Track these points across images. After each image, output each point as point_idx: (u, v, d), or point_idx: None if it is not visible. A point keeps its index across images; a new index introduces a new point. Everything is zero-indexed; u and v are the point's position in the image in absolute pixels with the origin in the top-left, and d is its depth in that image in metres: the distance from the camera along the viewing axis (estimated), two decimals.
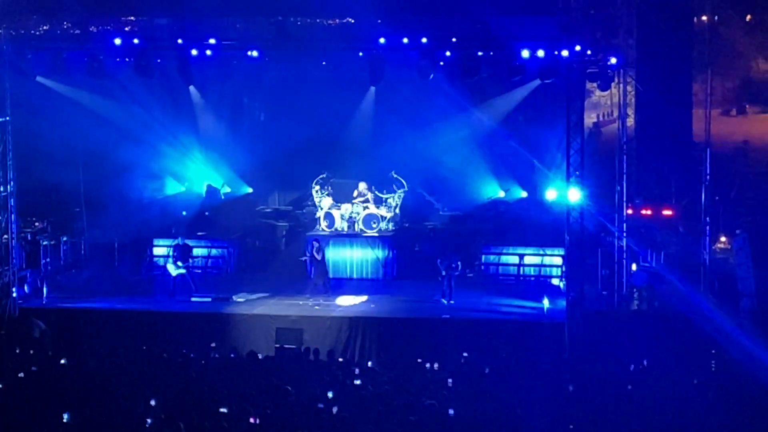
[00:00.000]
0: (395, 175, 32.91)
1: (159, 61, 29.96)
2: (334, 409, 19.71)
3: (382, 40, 28.32)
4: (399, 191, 32.99)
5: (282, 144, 34.19)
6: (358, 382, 22.13)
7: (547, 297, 28.56)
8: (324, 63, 30.47)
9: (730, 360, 23.80)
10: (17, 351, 25.32)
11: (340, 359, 25.28)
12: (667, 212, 30.98)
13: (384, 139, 33.48)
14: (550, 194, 32.54)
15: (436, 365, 23.54)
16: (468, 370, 23.49)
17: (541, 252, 31.91)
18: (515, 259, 32.17)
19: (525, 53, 27.81)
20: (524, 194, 34.29)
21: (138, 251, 33.61)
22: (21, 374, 22.45)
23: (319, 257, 30.02)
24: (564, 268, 29.88)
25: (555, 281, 31.18)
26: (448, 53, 28.45)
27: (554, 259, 31.56)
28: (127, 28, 30.79)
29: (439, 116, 32.46)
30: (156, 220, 34.16)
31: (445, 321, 27.99)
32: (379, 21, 28.94)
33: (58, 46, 29.05)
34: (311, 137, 33.85)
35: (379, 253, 32.37)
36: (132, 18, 30.80)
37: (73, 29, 29.43)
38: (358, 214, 32.71)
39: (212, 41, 29.27)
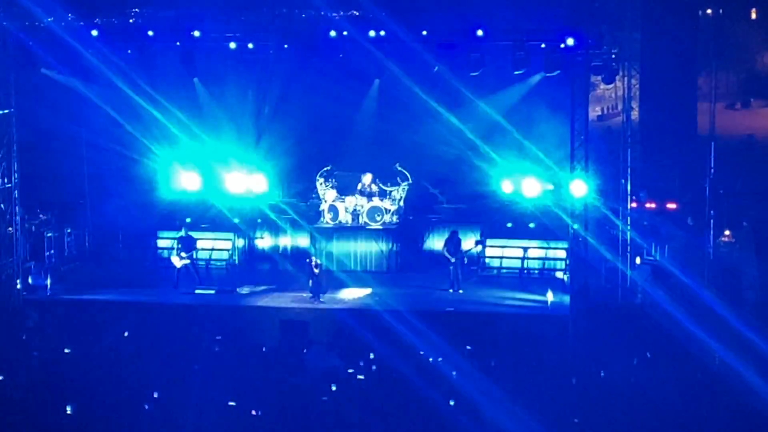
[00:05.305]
0: (399, 168, 32.90)
1: (163, 53, 29.99)
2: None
3: (385, 33, 28.40)
4: (403, 184, 32.97)
5: (286, 136, 34.17)
6: (361, 375, 22.15)
7: (551, 290, 28.59)
8: (328, 55, 30.43)
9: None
10: (21, 343, 25.35)
11: (344, 352, 25.28)
12: (671, 206, 30.96)
13: (388, 131, 33.45)
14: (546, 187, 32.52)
15: (440, 358, 23.56)
16: (472, 362, 23.50)
17: (545, 245, 31.94)
18: (519, 252, 32.19)
19: (529, 46, 27.87)
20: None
21: (142, 243, 33.64)
22: (24, 367, 22.50)
23: (317, 271, 29.66)
24: (568, 262, 29.91)
25: (559, 274, 31.22)
26: (453, 46, 28.50)
27: (558, 252, 31.60)
28: (131, 20, 30.75)
29: (443, 109, 32.42)
30: (160, 212, 34.14)
31: (449, 314, 28.03)
32: (384, 13, 28.91)
33: (63, 37, 29.06)
34: (315, 129, 33.87)
35: (383, 245, 32.39)
36: (136, 9, 30.77)
37: (78, 21, 29.43)
38: (363, 206, 32.71)
39: (217, 33, 29.33)
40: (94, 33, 29.31)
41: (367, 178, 33.03)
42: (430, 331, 26.54)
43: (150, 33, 29.49)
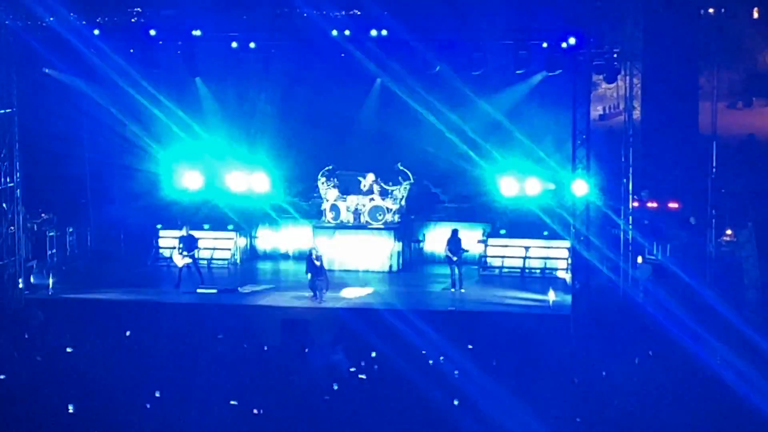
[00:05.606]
0: (401, 167, 32.92)
1: (165, 52, 30.02)
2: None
3: (387, 32, 28.44)
4: (405, 183, 32.99)
5: (288, 135, 34.20)
6: (363, 375, 22.16)
7: (552, 289, 28.59)
8: (330, 54, 30.43)
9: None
10: (22, 342, 25.35)
11: (346, 351, 25.28)
12: (672, 205, 30.95)
13: (390, 131, 33.44)
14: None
15: (441, 357, 23.56)
16: (474, 362, 23.50)
17: (547, 244, 31.95)
18: (521, 252, 32.20)
19: (531, 45, 27.91)
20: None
21: (144, 242, 33.65)
22: (26, 366, 22.50)
23: (319, 264, 29.70)
24: (569, 261, 29.91)
25: (560, 274, 31.23)
26: (454, 45, 28.52)
27: (560, 251, 31.61)
28: (133, 20, 30.79)
29: (444, 108, 32.43)
30: (162, 211, 34.14)
31: (450, 313, 28.04)
32: (386, 12, 28.92)
33: (65, 37, 29.08)
34: (317, 129, 33.87)
35: (384, 245, 32.39)
36: (138, 9, 30.80)
37: (80, 20, 29.45)
38: (364, 206, 32.73)
39: (218, 33, 29.36)
40: (96, 32, 29.35)
41: (368, 177, 33.04)
42: (432, 330, 26.55)
43: (152, 32, 29.51)
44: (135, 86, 31.53)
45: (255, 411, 19.47)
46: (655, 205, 30.85)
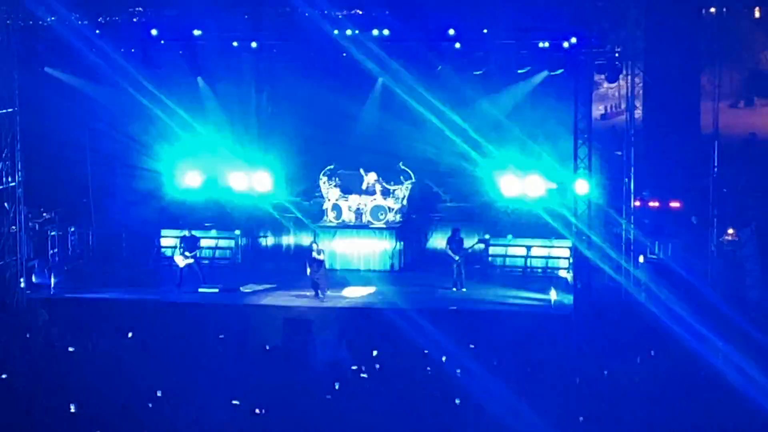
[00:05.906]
0: (403, 167, 32.92)
1: (167, 51, 30.04)
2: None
3: (389, 32, 28.45)
4: (406, 182, 33.00)
5: (289, 135, 34.19)
6: (365, 374, 22.17)
7: (554, 289, 28.60)
8: (332, 54, 30.44)
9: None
10: (24, 341, 25.36)
11: (348, 350, 25.30)
12: (674, 204, 30.96)
13: (391, 130, 33.42)
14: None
15: (444, 356, 23.57)
16: (476, 361, 23.51)
17: (549, 244, 31.95)
18: (522, 251, 32.20)
19: (533, 45, 27.93)
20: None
21: (146, 242, 33.65)
22: (27, 365, 22.51)
23: (321, 257, 29.71)
24: (571, 260, 29.91)
25: (562, 273, 31.23)
26: (456, 45, 28.54)
27: (561, 251, 31.60)
28: (135, 19, 30.81)
29: (446, 108, 32.41)
30: (164, 211, 34.14)
31: (452, 312, 28.04)
32: (387, 12, 28.94)
33: (66, 36, 29.10)
34: (319, 128, 33.85)
35: (386, 244, 32.40)
36: (140, 9, 30.84)
37: (82, 20, 29.47)
38: (366, 205, 32.74)
39: (220, 32, 29.38)
40: (98, 32, 29.37)
41: (370, 176, 33.05)
42: (434, 329, 26.56)
43: (153, 32, 29.56)
44: (136, 86, 31.54)
45: (257, 410, 19.49)
46: (656, 204, 30.86)
